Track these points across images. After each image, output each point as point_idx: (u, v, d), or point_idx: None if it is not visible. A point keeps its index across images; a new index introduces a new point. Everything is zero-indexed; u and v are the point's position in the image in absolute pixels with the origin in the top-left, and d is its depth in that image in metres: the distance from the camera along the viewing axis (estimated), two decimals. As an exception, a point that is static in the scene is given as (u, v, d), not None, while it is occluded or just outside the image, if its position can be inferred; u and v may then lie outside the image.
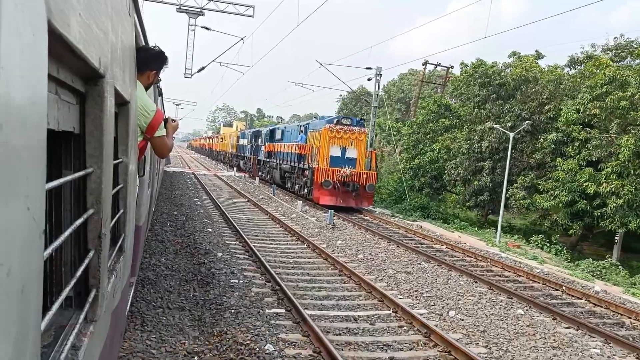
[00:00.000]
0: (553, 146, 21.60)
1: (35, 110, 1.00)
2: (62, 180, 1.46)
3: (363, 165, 22.94)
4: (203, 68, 22.70)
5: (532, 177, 22.88)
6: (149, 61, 3.69)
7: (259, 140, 36.69)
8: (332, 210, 17.65)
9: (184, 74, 23.20)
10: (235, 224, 15.56)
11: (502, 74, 24.95)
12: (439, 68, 36.42)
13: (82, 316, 1.72)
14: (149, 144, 3.91)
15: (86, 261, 1.75)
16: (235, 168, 43.33)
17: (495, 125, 22.02)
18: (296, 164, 25.05)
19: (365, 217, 21.53)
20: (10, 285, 0.87)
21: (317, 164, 22.29)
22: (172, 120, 4.13)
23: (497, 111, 24.26)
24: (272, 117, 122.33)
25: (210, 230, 14.31)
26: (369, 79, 29.40)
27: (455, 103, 30.21)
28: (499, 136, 23.49)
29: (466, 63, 29.17)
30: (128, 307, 5.15)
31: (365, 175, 22.22)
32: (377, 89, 27.89)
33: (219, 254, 11.12)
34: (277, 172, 29.09)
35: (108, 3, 1.87)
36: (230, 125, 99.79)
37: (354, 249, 13.55)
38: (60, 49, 1.25)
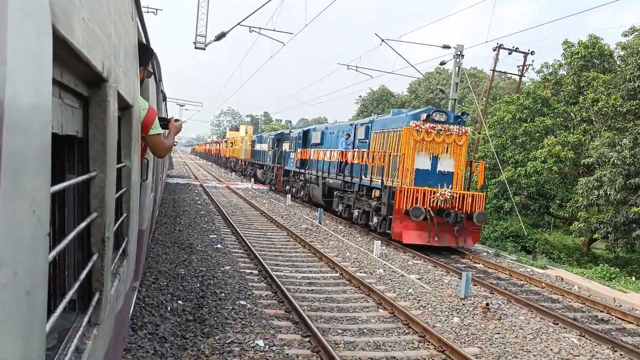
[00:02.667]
0: None
1: (40, 114, 0.99)
2: (66, 183, 1.45)
3: (461, 182, 15.17)
4: (224, 34, 15.06)
5: None
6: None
7: (285, 145, 29.00)
8: (469, 274, 9.78)
9: (195, 44, 15.58)
10: (296, 304, 7.87)
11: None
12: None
13: (85, 319, 1.69)
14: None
15: (90, 264, 1.73)
16: (252, 179, 35.63)
17: None
18: (355, 180, 17.25)
19: (476, 264, 13.74)
20: (17, 286, 0.87)
21: (397, 181, 14.53)
22: (176, 120, 4.07)
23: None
24: (281, 120, 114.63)
25: (260, 343, 6.50)
26: (442, 63, 21.74)
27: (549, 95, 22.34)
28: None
29: (571, 42, 21.43)
30: (131, 311, 4.72)
31: (470, 199, 14.46)
32: (457, 75, 20.18)
33: None
34: (319, 188, 21.32)
35: (111, 6, 1.84)
36: (237, 129, 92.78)
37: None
38: (64, 53, 1.24)
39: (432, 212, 13.91)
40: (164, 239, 12.95)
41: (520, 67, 27.78)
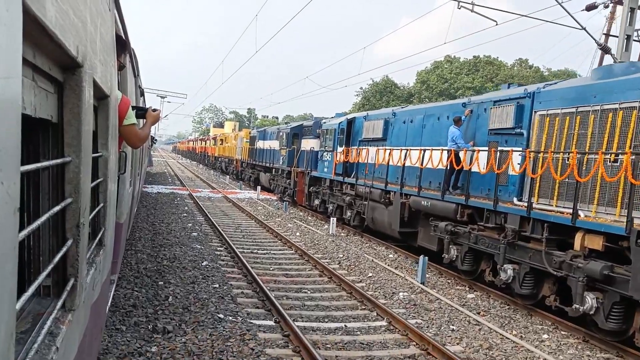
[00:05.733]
0: None
1: (8, 89, 0.95)
2: (39, 164, 1.42)
3: None
4: None
5: None
6: None
7: (309, 142, 20.69)
8: None
9: None
10: None
11: None
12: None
13: (59, 303, 1.64)
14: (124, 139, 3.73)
15: (64, 249, 1.68)
16: (258, 187, 26.99)
17: None
18: (515, 208, 8.69)
19: None
20: None
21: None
22: (153, 110, 3.98)
23: None
24: (268, 116, 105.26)
25: None
26: (589, 8, 13.36)
27: None
28: None
29: None
30: (109, 304, 4.49)
31: None
32: (629, 22, 11.84)
33: None
34: (388, 211, 12.96)
35: None
36: (222, 126, 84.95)
37: None
38: (36, 32, 1.19)
39: None
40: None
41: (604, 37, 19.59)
